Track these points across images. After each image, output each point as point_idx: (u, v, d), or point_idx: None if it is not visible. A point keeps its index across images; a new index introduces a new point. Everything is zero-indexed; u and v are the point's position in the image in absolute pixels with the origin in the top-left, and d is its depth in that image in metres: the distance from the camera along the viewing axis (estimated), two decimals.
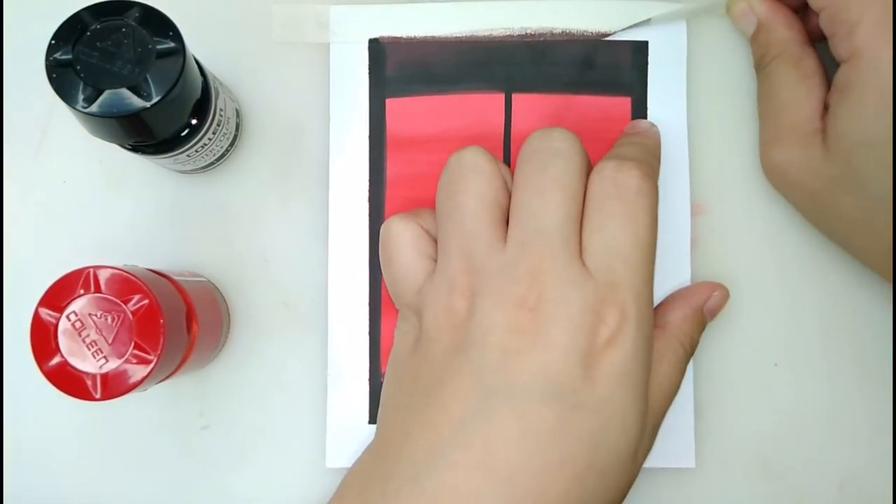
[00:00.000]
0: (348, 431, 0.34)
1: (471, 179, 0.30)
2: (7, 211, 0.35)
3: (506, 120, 0.35)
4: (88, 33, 0.26)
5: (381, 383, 0.34)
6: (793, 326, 0.35)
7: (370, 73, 0.35)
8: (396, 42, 0.35)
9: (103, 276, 0.27)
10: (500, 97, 0.35)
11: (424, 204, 0.34)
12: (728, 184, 0.36)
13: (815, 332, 0.35)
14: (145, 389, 0.28)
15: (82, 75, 0.26)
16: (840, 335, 0.35)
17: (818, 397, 0.35)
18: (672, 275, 0.35)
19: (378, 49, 0.35)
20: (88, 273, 0.27)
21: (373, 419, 0.34)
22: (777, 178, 0.33)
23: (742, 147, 0.36)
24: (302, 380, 0.35)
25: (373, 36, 0.35)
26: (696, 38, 0.36)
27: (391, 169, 0.35)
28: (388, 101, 0.35)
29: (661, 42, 0.35)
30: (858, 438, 0.35)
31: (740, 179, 0.36)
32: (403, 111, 0.35)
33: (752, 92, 0.35)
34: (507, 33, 0.35)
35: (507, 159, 0.35)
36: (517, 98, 0.35)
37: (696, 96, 0.36)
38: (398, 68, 0.35)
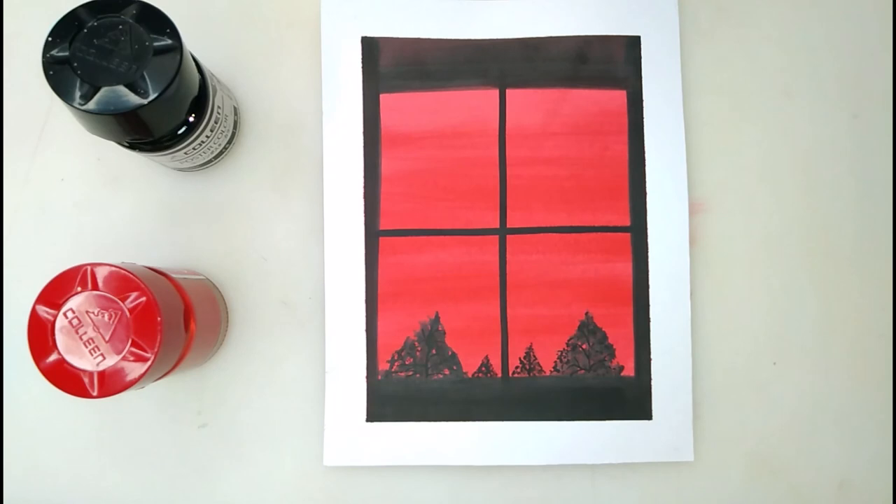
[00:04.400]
0: (346, 430, 0.34)
1: None
2: (6, 208, 0.35)
3: (500, 115, 0.35)
4: (85, 30, 0.26)
5: (379, 381, 0.34)
6: (792, 325, 0.35)
7: (363, 69, 0.35)
8: (389, 37, 0.35)
9: (101, 273, 0.27)
10: (495, 93, 0.35)
11: (419, 200, 0.34)
12: (727, 183, 0.36)
13: (813, 330, 0.35)
14: (143, 387, 0.28)
15: (79, 72, 0.26)
16: (839, 334, 0.35)
17: (817, 396, 0.35)
18: (671, 274, 0.35)
19: (371, 44, 0.35)
20: (86, 270, 0.27)
21: (370, 417, 0.34)
22: None
23: (741, 145, 0.35)
24: (300, 378, 0.35)
25: (365, 30, 0.35)
26: (696, 39, 0.36)
27: (386, 165, 0.35)
28: (382, 96, 0.35)
29: (654, 36, 0.35)
30: (858, 437, 0.35)
31: (739, 178, 0.36)
32: (398, 107, 0.35)
33: (751, 90, 0.35)
34: (503, 35, 0.35)
35: (502, 154, 0.35)
36: (511, 93, 0.35)
37: (695, 96, 0.36)
38: (392, 64, 0.35)
